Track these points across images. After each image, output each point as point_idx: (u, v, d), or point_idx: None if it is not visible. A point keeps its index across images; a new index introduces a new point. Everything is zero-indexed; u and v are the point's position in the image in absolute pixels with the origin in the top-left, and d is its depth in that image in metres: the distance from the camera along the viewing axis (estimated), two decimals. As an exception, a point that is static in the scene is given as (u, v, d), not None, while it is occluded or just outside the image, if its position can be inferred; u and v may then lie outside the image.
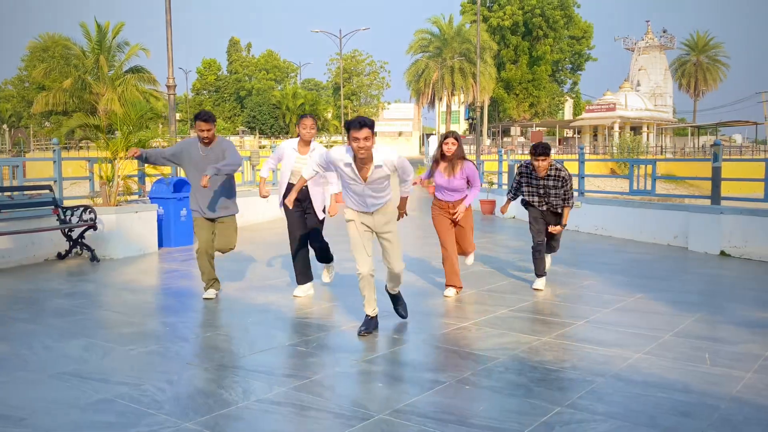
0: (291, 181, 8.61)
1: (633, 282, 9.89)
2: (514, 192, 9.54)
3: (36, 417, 4.80)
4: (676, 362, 6.12)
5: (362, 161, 6.46)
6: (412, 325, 7.46)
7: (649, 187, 15.71)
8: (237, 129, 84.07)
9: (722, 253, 12.69)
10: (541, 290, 9.26)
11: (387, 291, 7.51)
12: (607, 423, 4.68)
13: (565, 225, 9.40)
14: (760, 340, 6.82)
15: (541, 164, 8.95)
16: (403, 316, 7.57)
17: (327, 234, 9.06)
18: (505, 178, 22.80)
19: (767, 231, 12.09)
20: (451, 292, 8.98)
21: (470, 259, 9.53)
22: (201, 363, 6.16)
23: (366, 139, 6.26)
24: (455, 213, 8.84)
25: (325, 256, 9.21)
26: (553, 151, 39.89)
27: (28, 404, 5.06)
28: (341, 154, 6.53)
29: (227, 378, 5.69)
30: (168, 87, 17.60)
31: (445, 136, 8.84)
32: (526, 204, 9.46)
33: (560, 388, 5.45)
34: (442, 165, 8.79)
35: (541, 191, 9.17)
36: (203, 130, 8.37)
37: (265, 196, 9.23)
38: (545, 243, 9.46)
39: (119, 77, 54.92)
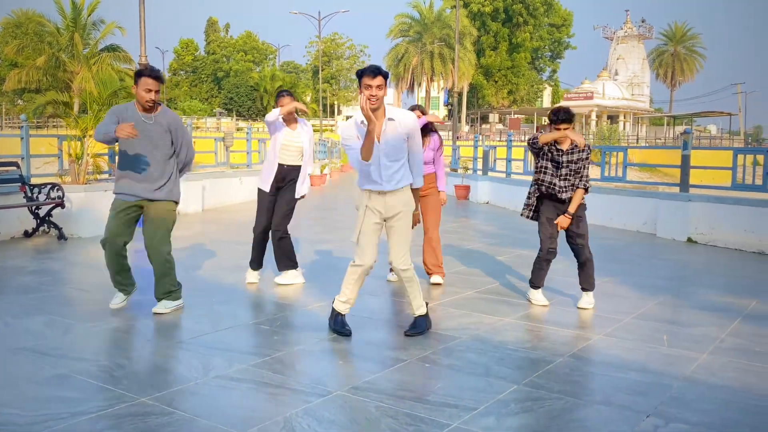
0: (281, 161, 8.28)
1: (601, 266, 9.90)
2: (538, 187, 7.65)
3: (-8, 390, 4.81)
4: (636, 343, 6.21)
5: (375, 115, 5.97)
6: (377, 306, 7.50)
7: (620, 174, 15.84)
8: (214, 110, 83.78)
9: (689, 239, 12.84)
10: (546, 304, 7.71)
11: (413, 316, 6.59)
12: (562, 401, 4.75)
13: (572, 213, 7.46)
14: (718, 323, 6.93)
15: (564, 133, 7.32)
16: (409, 333, 6.46)
17: (306, 215, 9.00)
18: (479, 164, 22.89)
19: (733, 218, 12.24)
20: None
21: (436, 279, 8.73)
22: (162, 340, 6.17)
23: (379, 87, 5.91)
24: (422, 189, 8.33)
25: (286, 258, 8.49)
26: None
27: (-15, 377, 5.07)
28: (351, 121, 6.24)
29: (187, 355, 5.70)
30: (141, 65, 17.47)
31: (411, 110, 8.36)
32: (540, 197, 7.69)
33: (519, 367, 5.52)
34: None
35: (564, 171, 7.43)
36: (150, 90, 6.80)
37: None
38: (556, 248, 7.67)
39: (94, 55, 54.31)
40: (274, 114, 8.10)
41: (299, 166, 8.39)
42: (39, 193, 12.18)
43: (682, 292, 8.49)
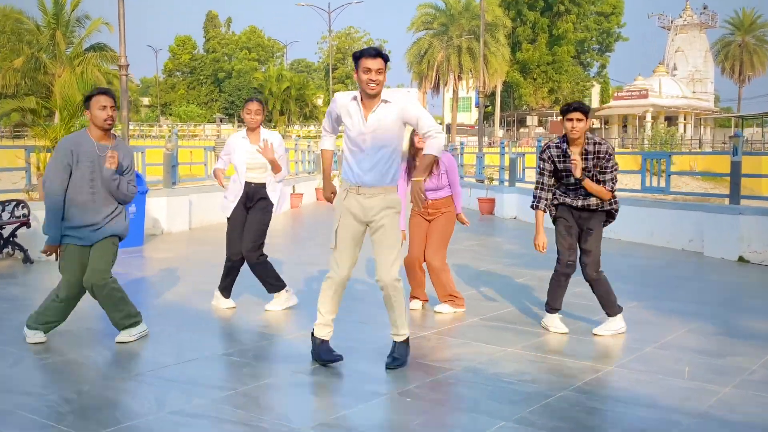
0: (248, 179, 8.49)
1: (632, 290, 10.04)
2: (540, 192, 7.84)
3: None
4: (651, 375, 6.30)
5: (370, 99, 6.11)
6: (366, 335, 7.63)
7: (663, 184, 15.90)
8: (213, 116, 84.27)
9: (740, 258, 12.86)
10: (566, 332, 7.78)
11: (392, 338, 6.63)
12: (552, 439, 4.86)
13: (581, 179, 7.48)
14: (752, 353, 7.00)
15: (577, 126, 7.39)
16: (392, 366, 6.47)
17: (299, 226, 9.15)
18: (506, 174, 22.95)
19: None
20: (416, 304, 8.97)
21: (443, 308, 8.79)
22: (118, 373, 6.34)
23: (379, 71, 6.00)
24: (434, 214, 8.67)
25: (272, 279, 8.68)
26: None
27: None
28: (348, 93, 6.30)
29: (143, 389, 5.87)
30: (120, 66, 17.73)
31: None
32: (556, 205, 7.86)
33: (512, 401, 5.63)
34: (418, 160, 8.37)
35: (572, 180, 7.57)
36: (105, 107, 6.92)
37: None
38: (575, 261, 7.81)
39: (78, 55, 54.92)
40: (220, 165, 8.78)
41: (265, 184, 8.62)
42: (2, 210, 12.36)
43: (718, 318, 8.55)
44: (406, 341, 6.56)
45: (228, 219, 8.63)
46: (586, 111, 7.42)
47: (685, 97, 78.93)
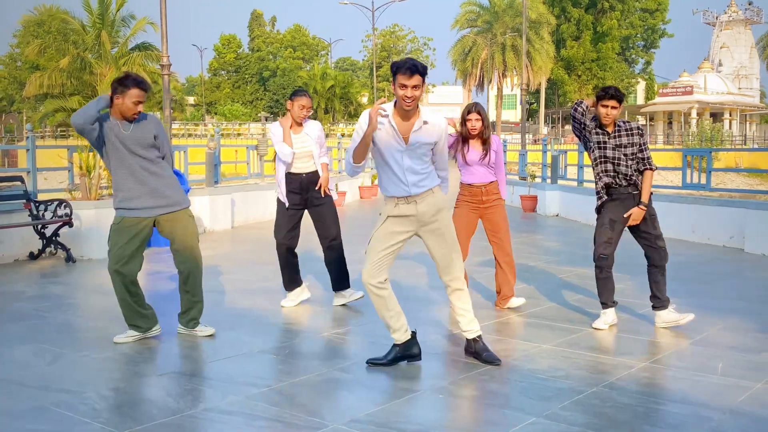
0: (290, 170, 8.60)
1: (670, 286, 9.91)
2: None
3: (-39, 423, 5.09)
4: (684, 372, 6.28)
5: (406, 115, 6.04)
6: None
7: (704, 181, 15.77)
8: (258, 115, 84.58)
9: (783, 255, 12.74)
10: (604, 329, 7.78)
11: (468, 343, 6.68)
12: (582, 434, 4.87)
13: (647, 202, 7.55)
14: (788, 349, 6.96)
15: (611, 113, 7.45)
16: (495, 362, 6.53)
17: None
18: (548, 171, 22.86)
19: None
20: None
21: (516, 301, 8.77)
22: (156, 370, 6.43)
23: (415, 87, 5.86)
24: (487, 201, 8.54)
25: (340, 275, 8.84)
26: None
27: (-44, 410, 5.35)
28: (387, 107, 6.14)
29: (179, 386, 5.94)
30: (162, 66, 17.91)
31: (468, 111, 8.37)
32: (606, 189, 7.68)
33: (544, 398, 5.63)
34: (471, 142, 8.41)
35: (616, 154, 7.54)
36: (138, 103, 7.03)
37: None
38: (608, 255, 7.74)
39: (124, 55, 55.05)
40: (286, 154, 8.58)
41: (316, 171, 8.70)
42: (45, 210, 12.54)
43: (755, 315, 8.47)
44: (480, 337, 6.60)
45: (279, 214, 8.74)
46: (621, 99, 7.40)
47: (731, 94, 78.14)
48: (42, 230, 12.48)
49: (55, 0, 73.58)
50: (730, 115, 79.25)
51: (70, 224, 12.35)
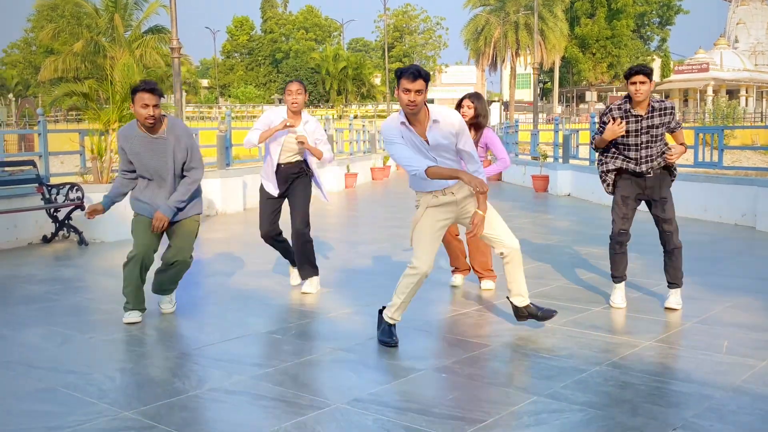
0: (281, 161, 8.39)
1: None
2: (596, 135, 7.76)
3: (-31, 405, 5.17)
4: (688, 350, 6.32)
5: (415, 118, 6.21)
6: (408, 312, 7.68)
7: (716, 159, 15.76)
8: (272, 97, 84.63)
9: (794, 233, 12.75)
10: (622, 307, 7.86)
11: (514, 310, 6.95)
12: (583, 413, 4.91)
13: (683, 150, 7.58)
14: (793, 327, 6.98)
15: (641, 89, 7.31)
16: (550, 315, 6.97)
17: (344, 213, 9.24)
18: (560, 151, 22.84)
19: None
20: (458, 279, 9.02)
21: (487, 284, 8.85)
22: (162, 351, 6.50)
23: (418, 92, 6.03)
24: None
25: (306, 259, 8.62)
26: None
27: (-35, 392, 5.43)
28: (395, 116, 6.35)
29: (185, 366, 6.01)
30: (172, 49, 17.92)
31: (462, 98, 8.49)
32: (616, 173, 7.74)
33: (546, 377, 5.68)
34: None
35: (643, 139, 7.46)
36: (147, 105, 6.97)
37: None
38: (628, 230, 7.83)
39: (137, 38, 55.13)
40: (249, 141, 8.49)
41: (299, 162, 8.51)
42: (57, 194, 12.64)
43: (764, 293, 8.47)
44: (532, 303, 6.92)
45: (261, 204, 8.70)
46: (648, 73, 7.29)
47: (747, 70, 77.81)
48: (54, 214, 12.58)
49: (67, -17, 73.54)
50: (747, 92, 78.93)
51: (82, 207, 12.41)
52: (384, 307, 6.73)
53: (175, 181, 7.32)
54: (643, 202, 7.73)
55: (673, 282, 7.78)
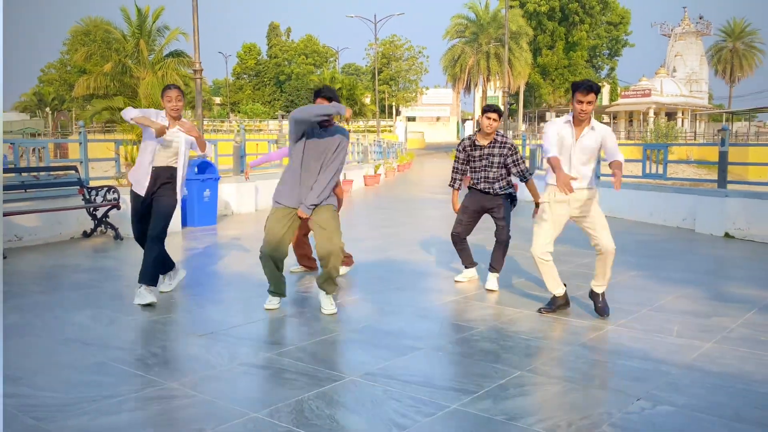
0: (155, 164, 7.49)
1: (633, 261, 10.10)
2: (457, 176, 8.53)
3: (32, 377, 5.18)
4: (646, 333, 6.39)
5: (579, 122, 6.72)
6: (404, 299, 7.76)
7: (661, 171, 15.86)
8: (276, 113, 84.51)
9: (726, 234, 12.85)
10: (464, 281, 8.66)
11: (596, 296, 7.17)
12: (560, 385, 4.99)
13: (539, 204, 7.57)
14: (732, 314, 7.07)
15: (492, 124, 8.03)
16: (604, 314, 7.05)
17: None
18: (527, 162, 22.90)
19: (769, 213, 12.24)
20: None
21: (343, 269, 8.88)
22: (195, 331, 6.51)
23: (589, 103, 6.52)
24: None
25: (156, 259, 7.63)
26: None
27: (29, 366, 5.44)
28: (566, 116, 6.89)
29: (217, 345, 6.03)
30: (195, 71, 17.95)
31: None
32: (470, 188, 8.55)
33: (527, 355, 5.75)
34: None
35: (484, 162, 8.19)
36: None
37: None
38: (460, 234, 8.59)
39: (159, 61, 54.99)
40: (126, 113, 7.26)
41: (171, 167, 7.65)
42: (96, 195, 12.63)
43: (706, 285, 8.58)
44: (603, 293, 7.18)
45: (133, 204, 7.75)
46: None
47: (683, 96, 77.85)
48: (94, 212, 12.56)
49: (99, 12, 73.90)
50: (683, 115, 79.00)
51: (118, 207, 12.43)
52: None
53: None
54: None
55: (495, 267, 8.42)
